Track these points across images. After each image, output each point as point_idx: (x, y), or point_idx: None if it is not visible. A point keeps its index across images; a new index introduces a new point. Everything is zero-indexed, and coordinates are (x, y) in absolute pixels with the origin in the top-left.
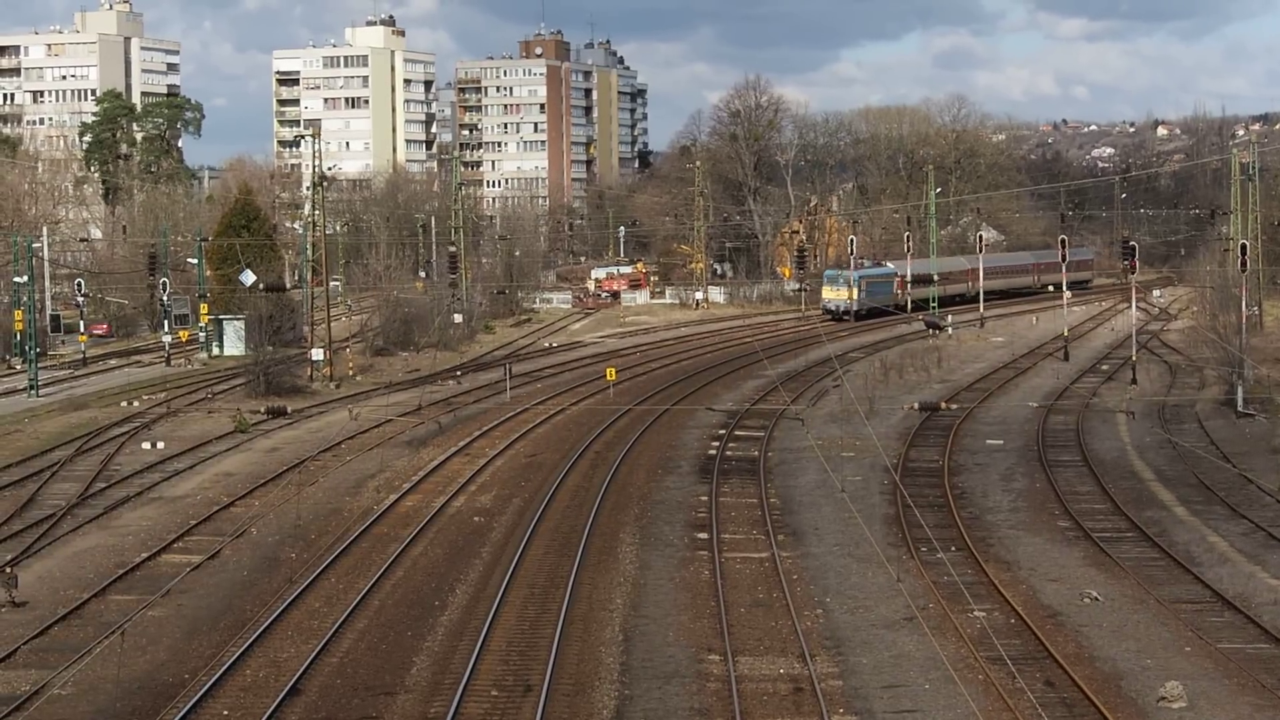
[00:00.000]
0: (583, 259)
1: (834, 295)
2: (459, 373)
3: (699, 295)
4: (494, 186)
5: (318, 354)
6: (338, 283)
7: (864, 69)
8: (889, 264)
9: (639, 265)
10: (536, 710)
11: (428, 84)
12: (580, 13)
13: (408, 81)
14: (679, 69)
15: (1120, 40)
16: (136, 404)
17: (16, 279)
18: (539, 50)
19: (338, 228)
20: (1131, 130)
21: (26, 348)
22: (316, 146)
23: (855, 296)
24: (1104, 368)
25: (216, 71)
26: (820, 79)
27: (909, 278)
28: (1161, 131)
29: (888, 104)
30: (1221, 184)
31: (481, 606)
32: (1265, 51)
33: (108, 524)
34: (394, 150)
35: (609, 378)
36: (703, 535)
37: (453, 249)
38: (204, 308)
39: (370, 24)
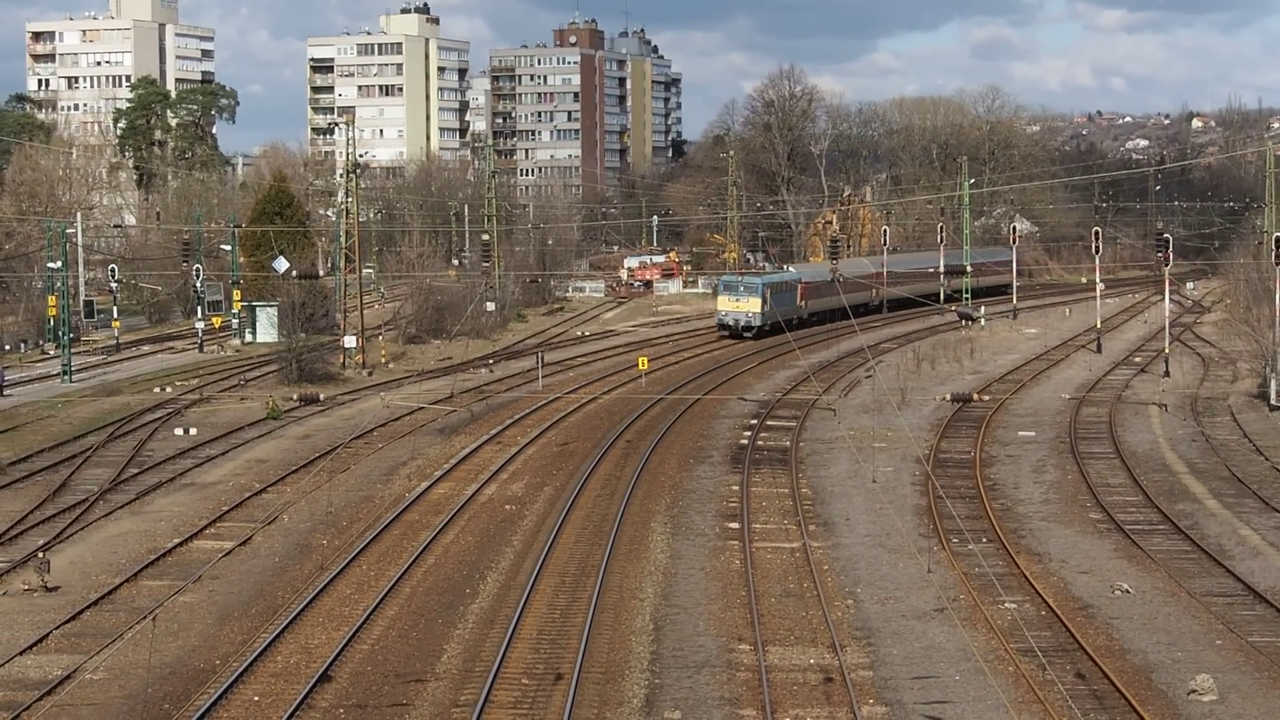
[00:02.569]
0: (615, 248)
1: (734, 307)
2: (491, 361)
3: None
4: (527, 175)
5: (350, 341)
6: (370, 270)
7: (901, 59)
8: (791, 268)
9: (672, 255)
10: (567, 698)
11: (462, 72)
12: (615, 1)
13: (442, 69)
14: (715, 58)
15: (1159, 31)
16: (169, 390)
17: (50, 264)
18: (573, 39)
19: (371, 215)
20: (1166, 122)
21: (60, 333)
22: (350, 134)
23: (762, 308)
24: (1137, 360)
25: (252, 58)
26: (858, 69)
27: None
28: (1196, 124)
29: (923, 94)
30: (1257, 177)
31: (513, 594)
32: None
33: (140, 509)
34: (427, 138)
35: (641, 367)
36: (734, 525)
37: (486, 237)
38: (237, 294)
39: (405, 12)
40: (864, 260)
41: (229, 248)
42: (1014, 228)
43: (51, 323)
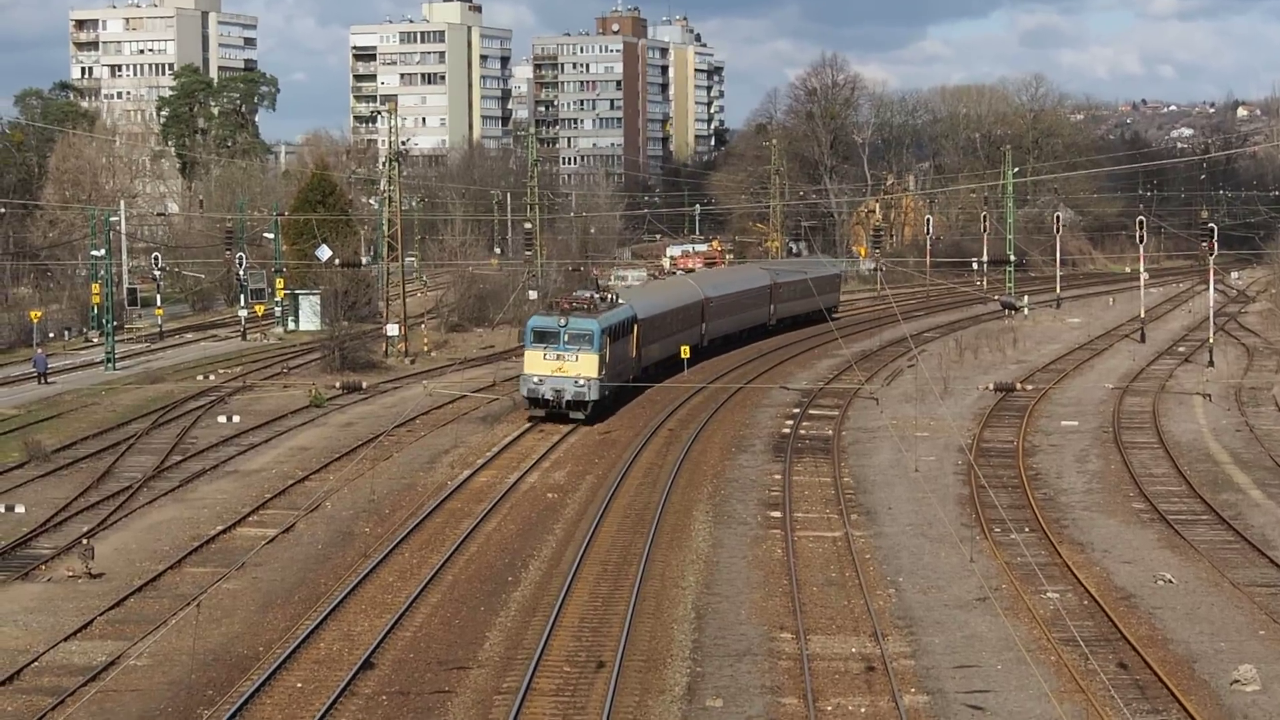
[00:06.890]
0: (658, 237)
1: (553, 369)
2: None
3: None
4: (570, 163)
5: (393, 329)
6: (413, 258)
7: (951, 46)
8: (623, 301)
9: (714, 243)
10: (609, 686)
11: (504, 60)
12: None
13: (484, 57)
14: (761, 45)
15: (1211, 18)
16: (212, 378)
17: (94, 252)
18: (616, 27)
19: (413, 203)
20: (1211, 111)
21: (103, 321)
22: (393, 122)
23: (599, 369)
24: (1181, 349)
25: (295, 46)
26: (907, 56)
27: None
28: (1242, 112)
29: (968, 82)
30: None
31: (554, 582)
32: None
33: (183, 497)
34: (470, 126)
35: (683, 354)
36: (776, 514)
37: (528, 225)
38: (280, 283)
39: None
40: (687, 280)
41: (272, 236)
42: (1058, 217)
43: (95, 310)
